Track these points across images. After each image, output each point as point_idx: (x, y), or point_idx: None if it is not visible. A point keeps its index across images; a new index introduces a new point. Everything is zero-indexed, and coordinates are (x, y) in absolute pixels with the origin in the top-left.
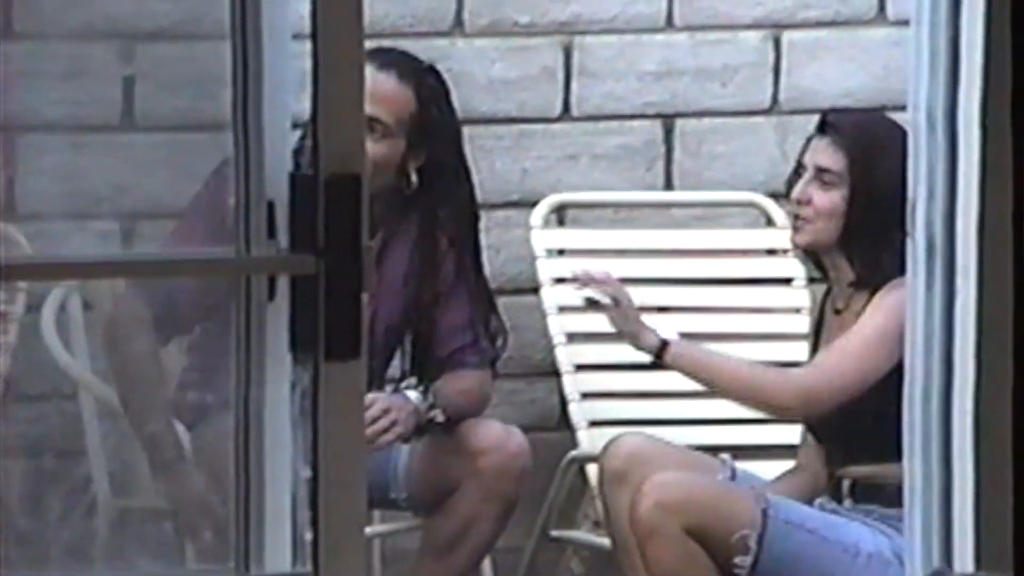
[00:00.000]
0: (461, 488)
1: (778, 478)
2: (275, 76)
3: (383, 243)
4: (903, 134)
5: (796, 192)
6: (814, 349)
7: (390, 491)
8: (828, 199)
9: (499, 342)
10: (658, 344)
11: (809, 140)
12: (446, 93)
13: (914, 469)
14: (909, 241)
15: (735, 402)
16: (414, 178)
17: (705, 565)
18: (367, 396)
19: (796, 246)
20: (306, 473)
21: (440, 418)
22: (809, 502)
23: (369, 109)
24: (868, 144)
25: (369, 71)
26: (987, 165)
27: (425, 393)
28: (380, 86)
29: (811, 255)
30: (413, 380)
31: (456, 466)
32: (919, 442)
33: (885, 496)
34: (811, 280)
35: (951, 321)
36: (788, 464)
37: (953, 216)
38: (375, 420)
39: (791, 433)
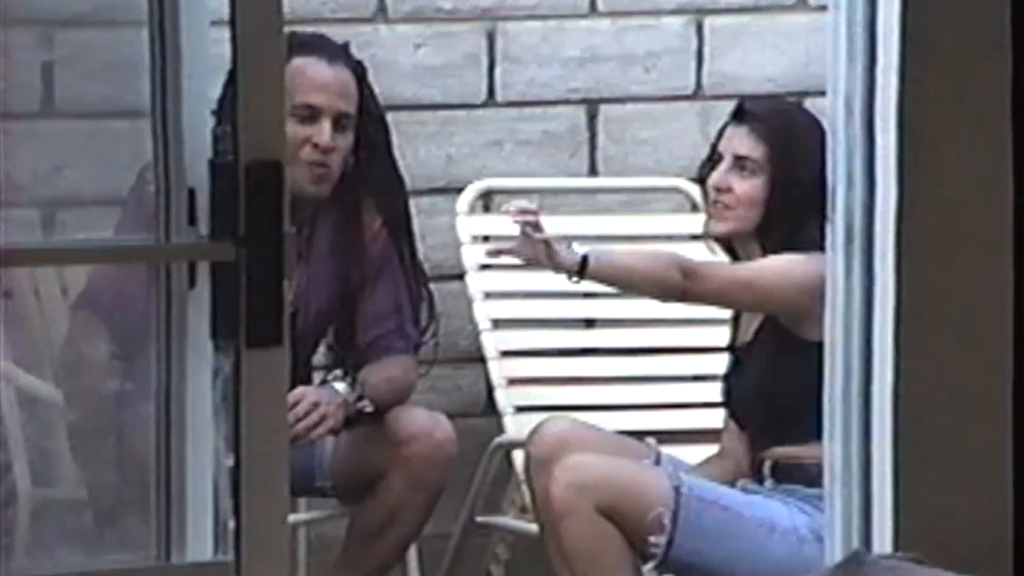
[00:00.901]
0: (387, 476)
1: (701, 463)
2: (194, 63)
3: (311, 226)
4: (817, 123)
5: (715, 180)
6: (734, 333)
7: (316, 479)
8: (748, 187)
9: (427, 327)
10: (579, 260)
11: (724, 128)
12: (365, 70)
13: (834, 451)
14: (828, 226)
15: (641, 294)
16: (349, 161)
17: (619, 544)
18: (295, 391)
19: (713, 233)
20: (228, 461)
21: (369, 409)
22: (732, 485)
23: (340, 105)
24: (786, 132)
25: (318, 65)
26: (904, 151)
27: (352, 384)
28: (340, 80)
29: (722, 241)
30: (339, 372)
31: (382, 455)
32: (839, 424)
33: (806, 476)
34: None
35: (870, 306)
36: (713, 449)
37: (872, 202)
38: (306, 415)
39: (716, 418)
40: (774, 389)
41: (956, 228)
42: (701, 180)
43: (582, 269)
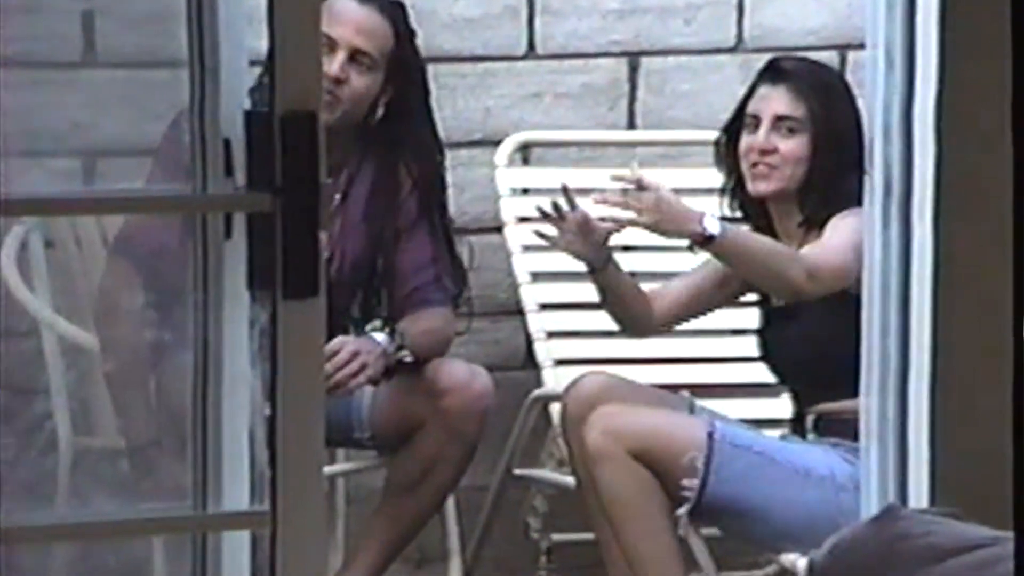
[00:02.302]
0: (424, 428)
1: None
2: (230, 13)
3: (347, 180)
4: (844, 80)
5: (758, 142)
6: (765, 312)
7: (354, 431)
8: (794, 145)
9: (461, 281)
10: (705, 234)
11: (752, 89)
12: (413, 29)
13: (871, 406)
14: (867, 180)
15: (756, 282)
16: (380, 112)
17: (654, 488)
18: (335, 340)
19: (759, 194)
20: (265, 411)
21: (408, 359)
22: None
23: (356, 41)
24: (824, 89)
25: (349, 3)
26: (943, 104)
27: (392, 335)
28: (364, 19)
29: (756, 203)
30: (378, 323)
31: (420, 406)
32: (876, 379)
33: (851, 430)
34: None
35: (908, 260)
36: (751, 403)
37: (910, 157)
38: (346, 364)
39: (754, 372)
40: (824, 346)
41: (994, 182)
42: (727, 141)
43: (707, 241)
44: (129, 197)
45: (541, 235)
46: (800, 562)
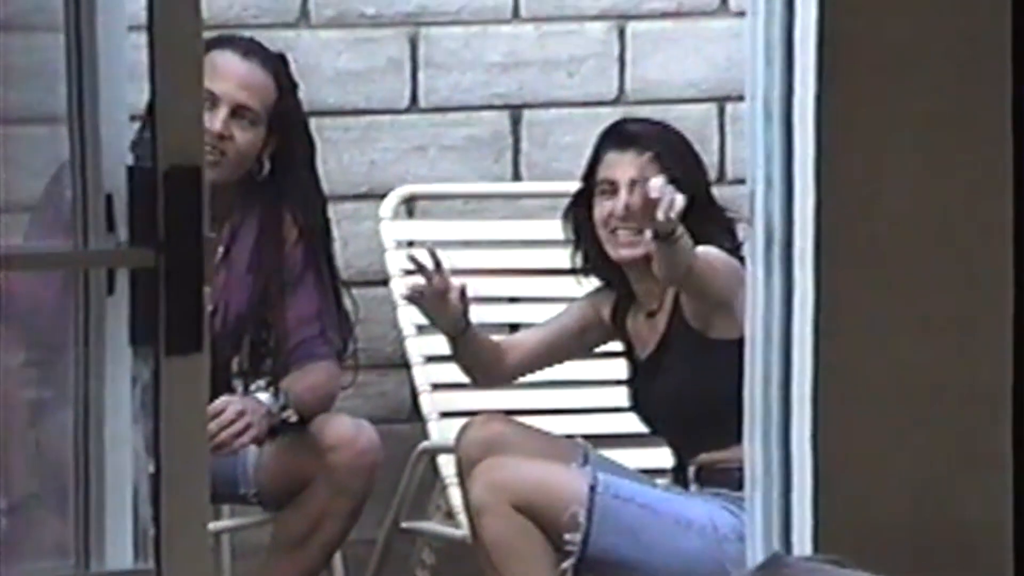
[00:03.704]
0: (311, 484)
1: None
2: (111, 68)
3: (231, 232)
4: (679, 133)
5: (618, 207)
6: (632, 364)
7: (239, 487)
8: None
9: (348, 337)
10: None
11: (597, 155)
12: (296, 82)
13: (755, 454)
14: (747, 230)
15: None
16: (266, 166)
17: (538, 540)
18: (220, 400)
19: (627, 260)
20: (149, 468)
21: (293, 418)
22: None
23: (239, 96)
24: (671, 147)
25: (231, 58)
26: (821, 154)
27: (276, 394)
28: (247, 74)
29: (614, 268)
30: (262, 382)
31: (306, 462)
32: (759, 428)
33: (732, 480)
34: None
35: (790, 308)
36: (647, 452)
37: (791, 205)
38: (231, 423)
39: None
40: (695, 394)
41: (873, 228)
42: (576, 209)
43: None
44: (10, 254)
45: (408, 296)
46: None
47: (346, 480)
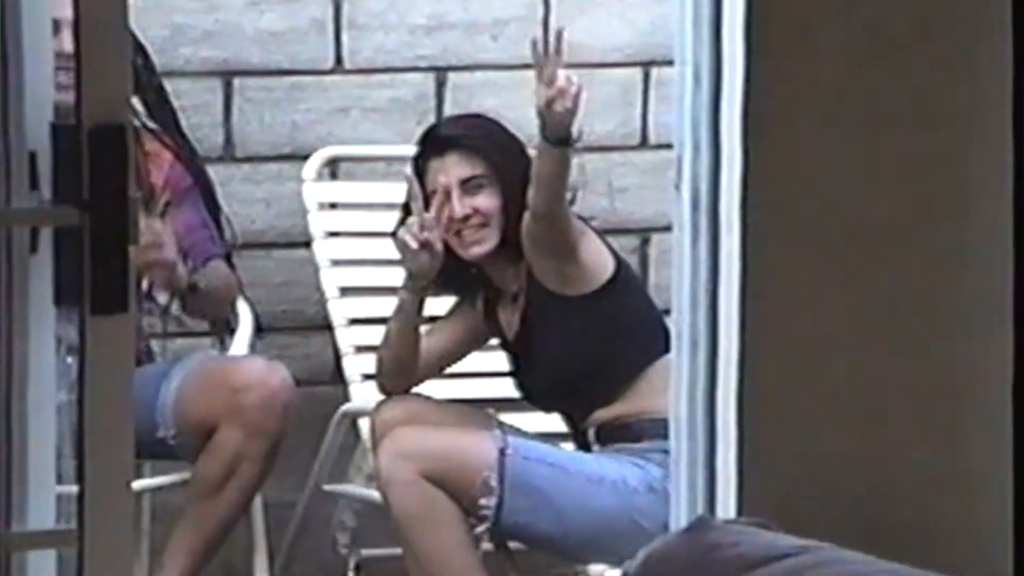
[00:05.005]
0: (224, 426)
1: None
2: (35, 22)
3: None
4: (489, 117)
5: (456, 210)
6: (510, 353)
7: (159, 428)
8: (489, 200)
9: (229, 238)
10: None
11: (422, 169)
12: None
13: (680, 419)
14: (675, 195)
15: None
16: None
17: (449, 509)
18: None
19: (475, 257)
20: (72, 428)
21: (202, 283)
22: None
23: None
24: (486, 137)
25: None
26: (749, 117)
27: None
28: None
29: (467, 268)
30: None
31: (219, 404)
32: (685, 392)
33: (631, 434)
34: None
35: (716, 274)
36: (548, 416)
37: (718, 170)
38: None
39: None
40: (570, 359)
41: (800, 193)
42: (400, 226)
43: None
44: None
45: (401, 242)
46: (608, 573)
47: (260, 420)
